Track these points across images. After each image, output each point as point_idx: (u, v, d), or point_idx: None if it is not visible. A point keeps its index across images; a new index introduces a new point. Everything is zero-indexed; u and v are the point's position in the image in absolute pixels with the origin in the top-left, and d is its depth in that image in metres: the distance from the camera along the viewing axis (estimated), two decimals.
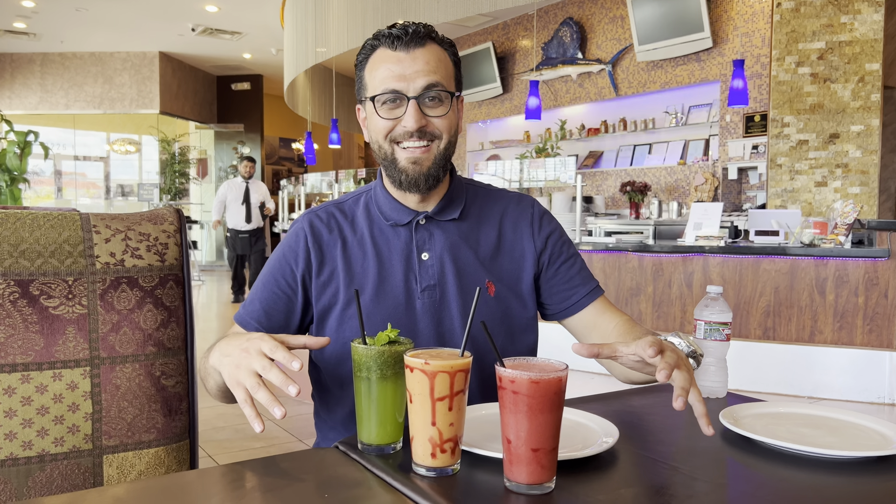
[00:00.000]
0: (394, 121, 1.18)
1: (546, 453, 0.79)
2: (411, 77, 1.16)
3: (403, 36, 1.17)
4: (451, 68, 1.23)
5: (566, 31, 8.45)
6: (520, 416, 0.79)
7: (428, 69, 1.17)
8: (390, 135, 1.20)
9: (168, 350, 1.18)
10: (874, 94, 5.63)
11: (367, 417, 0.91)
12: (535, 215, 1.34)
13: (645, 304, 4.74)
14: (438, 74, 1.18)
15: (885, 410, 3.96)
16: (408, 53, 1.17)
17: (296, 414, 3.88)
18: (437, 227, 1.27)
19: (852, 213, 4.17)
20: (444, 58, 1.21)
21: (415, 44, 1.17)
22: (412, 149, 1.19)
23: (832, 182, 5.83)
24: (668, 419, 1.12)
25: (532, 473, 0.79)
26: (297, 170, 14.73)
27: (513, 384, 0.79)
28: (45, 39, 10.85)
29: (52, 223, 1.12)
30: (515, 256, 1.30)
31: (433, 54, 1.19)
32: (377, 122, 1.20)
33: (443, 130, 1.20)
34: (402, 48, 1.17)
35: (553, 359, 0.83)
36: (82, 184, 12.99)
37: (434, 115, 1.19)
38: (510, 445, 0.80)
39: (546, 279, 1.32)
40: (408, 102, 1.17)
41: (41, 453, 1.08)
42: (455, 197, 1.29)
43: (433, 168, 1.21)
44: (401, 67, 1.17)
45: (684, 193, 7.49)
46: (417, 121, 1.16)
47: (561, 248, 1.34)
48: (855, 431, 1.02)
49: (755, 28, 6.71)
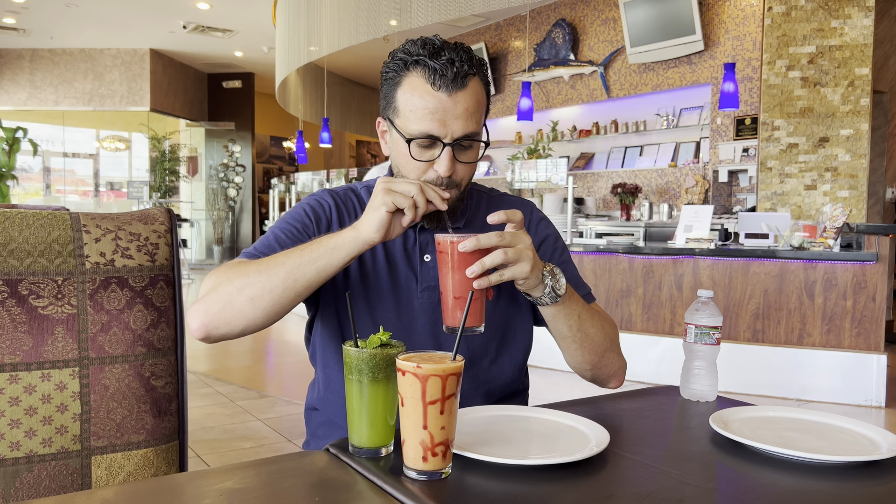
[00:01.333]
0: (426, 163, 1.16)
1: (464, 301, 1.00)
2: (450, 123, 1.13)
3: (447, 72, 1.11)
4: (485, 102, 1.20)
5: (558, 33, 8.46)
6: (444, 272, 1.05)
7: (467, 115, 1.13)
8: (422, 177, 1.17)
9: (158, 351, 1.18)
10: (864, 99, 5.67)
11: (358, 420, 0.91)
12: (532, 220, 1.36)
13: (635, 305, 4.76)
14: (475, 120, 1.15)
15: (872, 413, 3.99)
16: (450, 97, 1.12)
17: (285, 414, 3.88)
18: None
19: (841, 216, 4.20)
20: (482, 94, 1.17)
21: (458, 85, 1.12)
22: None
23: (821, 185, 5.87)
24: (658, 423, 1.13)
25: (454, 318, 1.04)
26: (287, 168, 14.70)
27: (439, 246, 1.04)
28: (34, 35, 10.78)
29: (42, 222, 1.11)
30: None
31: (473, 96, 1.14)
32: (408, 161, 1.17)
33: (466, 176, 1.20)
34: (444, 89, 1.12)
35: None
36: (71, 181, 12.92)
37: (464, 160, 1.18)
38: (443, 297, 1.06)
39: None
40: (443, 148, 1.14)
41: (29, 454, 1.07)
42: (460, 205, 1.30)
43: (453, 203, 1.21)
44: (441, 111, 1.12)
45: (675, 196, 7.52)
46: (449, 169, 1.15)
47: (552, 253, 1.35)
48: (843, 436, 1.03)
49: (746, 31, 6.75)
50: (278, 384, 4.90)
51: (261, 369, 5.33)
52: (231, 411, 3.90)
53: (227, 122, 13.16)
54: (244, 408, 3.97)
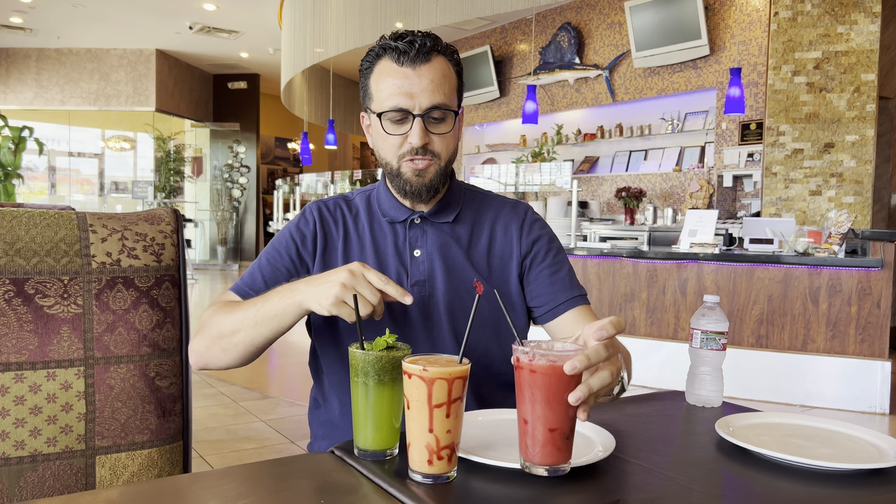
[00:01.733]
0: (400, 137, 1.22)
1: (562, 434, 0.81)
2: (417, 95, 1.19)
3: (409, 51, 1.19)
4: (455, 81, 1.26)
5: (564, 36, 8.46)
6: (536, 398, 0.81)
7: (433, 87, 1.20)
8: (398, 151, 1.24)
9: (163, 351, 1.18)
10: (869, 105, 5.66)
11: (363, 423, 0.91)
12: (526, 220, 1.38)
13: (639, 310, 4.75)
14: (442, 92, 1.21)
15: (875, 420, 3.98)
16: (413, 70, 1.19)
17: (287, 415, 3.87)
18: (430, 226, 1.32)
19: (846, 222, 4.18)
20: (449, 72, 1.24)
21: (420, 60, 1.20)
22: (416, 160, 1.23)
23: (826, 191, 5.86)
24: (664, 428, 1.12)
25: (548, 454, 0.81)
26: (292, 170, 14.71)
27: (530, 365, 0.81)
28: (41, 35, 10.81)
29: (49, 222, 1.12)
30: (504, 258, 1.34)
31: (438, 70, 1.21)
32: (384, 138, 1.24)
33: (444, 148, 1.25)
34: (408, 64, 1.19)
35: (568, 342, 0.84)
36: (76, 180, 12.95)
37: (437, 132, 1.23)
38: (526, 426, 0.82)
39: (528, 282, 1.35)
40: (413, 120, 1.20)
41: (33, 453, 1.07)
42: (452, 201, 1.34)
43: (435, 179, 1.26)
44: (407, 84, 1.19)
45: (679, 200, 7.51)
46: (422, 138, 1.21)
47: (546, 253, 1.36)
48: (850, 443, 1.02)
49: (752, 37, 6.74)
50: (281, 385, 4.90)
51: (264, 370, 5.33)
52: (234, 412, 3.90)
53: (232, 123, 13.18)
54: (247, 409, 3.97)
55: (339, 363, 1.28)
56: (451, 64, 1.25)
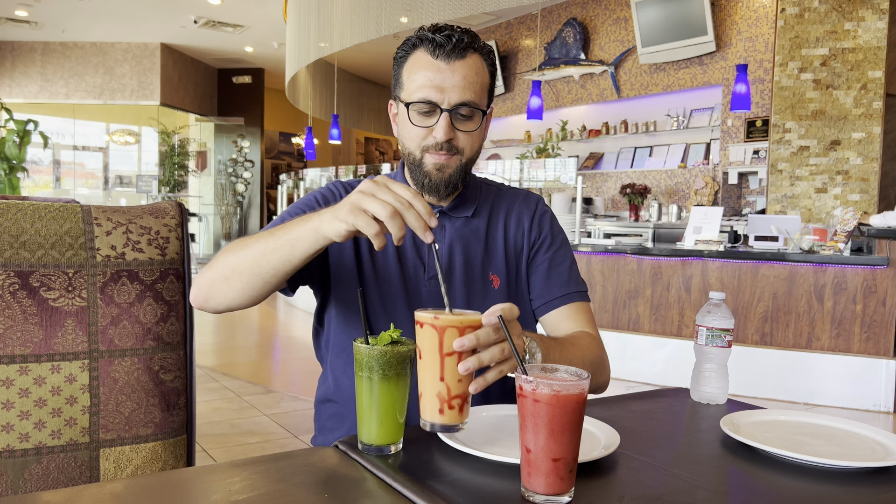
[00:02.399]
0: (426, 129, 1.22)
1: (566, 464, 0.78)
2: (448, 90, 1.19)
3: (446, 44, 1.18)
4: (487, 80, 1.25)
5: (569, 32, 8.44)
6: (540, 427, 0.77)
7: (465, 84, 1.19)
8: (422, 143, 1.23)
9: (167, 344, 1.18)
10: (876, 102, 5.63)
11: (367, 417, 0.91)
12: (536, 213, 1.39)
13: (643, 306, 4.74)
14: (473, 91, 1.20)
15: (880, 418, 3.97)
16: (448, 65, 1.19)
17: (291, 410, 3.88)
18: (448, 221, 1.32)
19: (852, 220, 4.17)
20: (482, 70, 1.23)
21: (456, 55, 1.19)
22: (439, 155, 1.23)
23: (832, 189, 5.84)
24: (668, 425, 1.12)
25: (551, 484, 0.77)
26: (296, 164, 14.71)
27: (534, 394, 0.77)
28: (46, 28, 10.82)
29: (54, 215, 1.12)
30: (517, 251, 1.35)
31: (472, 68, 1.21)
32: (409, 128, 1.23)
33: (469, 145, 1.25)
34: (443, 58, 1.19)
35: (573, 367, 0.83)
36: (81, 174, 12.96)
37: (463, 129, 1.22)
38: (529, 455, 0.78)
39: (529, 273, 1.36)
40: (440, 114, 1.20)
41: (38, 446, 1.07)
42: (469, 196, 1.35)
43: (454, 176, 1.25)
44: (440, 78, 1.18)
45: (684, 197, 7.49)
46: (447, 133, 1.20)
47: (549, 247, 1.36)
48: (855, 441, 1.02)
49: (759, 33, 6.71)
50: (285, 380, 4.90)
51: (267, 365, 5.34)
52: (237, 406, 3.91)
53: (237, 118, 13.18)
54: (250, 403, 3.98)
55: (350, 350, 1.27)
56: (486, 63, 1.25)
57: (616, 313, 4.84)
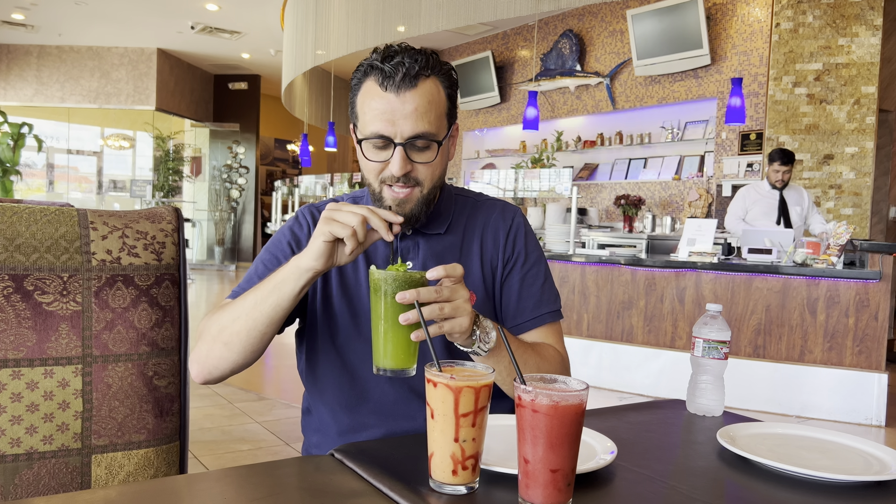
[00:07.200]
0: (381, 164, 1.17)
1: (564, 475, 0.77)
2: (400, 123, 1.12)
3: (394, 74, 1.12)
4: (444, 105, 1.18)
5: (565, 43, 8.48)
6: (539, 438, 0.77)
7: (417, 115, 1.12)
8: (379, 176, 1.18)
9: (161, 350, 1.17)
10: (869, 117, 5.67)
11: (383, 341, 0.97)
12: (512, 227, 1.33)
13: (636, 317, 4.74)
14: (427, 120, 1.14)
15: (872, 432, 3.97)
16: (397, 97, 1.12)
17: (283, 417, 3.86)
18: (422, 238, 1.28)
19: (845, 234, 4.19)
20: (437, 96, 1.16)
21: (406, 85, 1.12)
22: (398, 188, 1.18)
23: (825, 203, 5.87)
24: (665, 437, 1.12)
25: (549, 496, 0.77)
26: (291, 171, 14.71)
27: (533, 404, 0.77)
28: (42, 32, 10.80)
29: (49, 218, 1.11)
30: (493, 265, 1.31)
31: (424, 96, 1.13)
32: (366, 164, 1.19)
33: (428, 175, 1.19)
34: (391, 89, 1.12)
35: (573, 378, 0.83)
36: (74, 177, 12.92)
37: (420, 160, 1.16)
38: (527, 465, 0.78)
39: (502, 291, 1.31)
40: (394, 148, 1.14)
41: (29, 451, 1.06)
42: (443, 210, 1.30)
43: (416, 209, 1.20)
44: (390, 111, 1.12)
45: (678, 209, 7.51)
46: (403, 168, 1.14)
47: (524, 264, 1.32)
48: (851, 454, 1.02)
49: (753, 47, 6.76)
50: (277, 387, 4.88)
51: (260, 372, 5.31)
52: (229, 413, 3.88)
53: (232, 124, 13.17)
54: (242, 410, 3.95)
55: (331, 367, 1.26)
56: (443, 86, 1.17)
57: (610, 324, 4.84)
